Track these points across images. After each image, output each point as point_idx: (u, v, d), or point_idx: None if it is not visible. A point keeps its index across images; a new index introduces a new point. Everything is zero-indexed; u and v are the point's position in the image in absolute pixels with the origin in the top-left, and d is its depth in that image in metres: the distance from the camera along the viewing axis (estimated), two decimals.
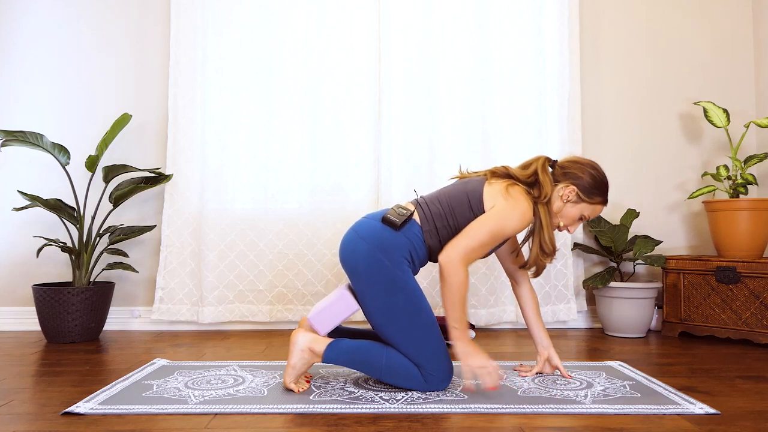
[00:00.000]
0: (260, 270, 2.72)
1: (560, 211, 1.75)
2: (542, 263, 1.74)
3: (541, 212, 1.70)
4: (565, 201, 1.73)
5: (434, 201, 1.74)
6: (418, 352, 1.63)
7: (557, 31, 2.81)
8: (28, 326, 2.74)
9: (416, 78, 2.76)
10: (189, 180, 2.73)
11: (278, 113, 2.77)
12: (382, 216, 1.70)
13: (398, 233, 1.67)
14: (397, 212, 1.69)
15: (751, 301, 2.38)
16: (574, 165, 1.75)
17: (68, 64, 2.84)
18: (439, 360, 1.64)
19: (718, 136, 2.90)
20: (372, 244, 1.66)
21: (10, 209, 2.78)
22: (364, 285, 1.66)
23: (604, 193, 1.75)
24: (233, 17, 2.76)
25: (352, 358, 1.67)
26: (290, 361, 1.68)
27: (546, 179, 1.71)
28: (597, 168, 1.76)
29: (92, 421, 1.44)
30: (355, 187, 2.77)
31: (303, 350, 1.67)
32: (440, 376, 1.65)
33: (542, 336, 1.88)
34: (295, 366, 1.67)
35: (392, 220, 1.67)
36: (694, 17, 2.95)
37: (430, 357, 1.64)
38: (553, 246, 1.71)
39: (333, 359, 1.67)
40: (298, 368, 1.68)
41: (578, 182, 1.72)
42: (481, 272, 2.73)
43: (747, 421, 1.44)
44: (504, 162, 2.76)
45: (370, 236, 1.68)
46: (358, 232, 1.71)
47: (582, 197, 1.73)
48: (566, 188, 1.73)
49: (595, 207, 1.75)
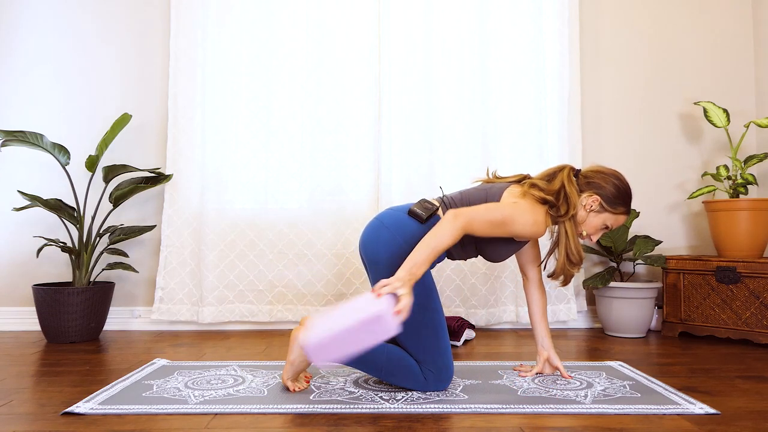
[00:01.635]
0: (260, 270, 2.72)
1: (584, 221, 1.74)
2: (570, 272, 1.73)
3: (567, 223, 1.70)
4: (588, 210, 1.73)
5: (457, 200, 1.75)
6: (422, 348, 1.63)
7: (557, 31, 2.81)
8: (28, 326, 2.74)
9: (416, 78, 2.76)
10: (189, 180, 2.73)
11: (278, 113, 2.77)
12: (408, 208, 1.71)
13: (423, 226, 1.67)
14: (423, 206, 1.70)
15: (751, 301, 2.38)
16: (597, 174, 1.74)
17: (68, 64, 2.84)
18: (441, 359, 1.64)
19: (718, 136, 2.90)
20: (396, 233, 1.66)
21: (10, 209, 2.78)
22: (382, 274, 1.64)
23: (628, 204, 1.75)
24: (233, 17, 2.76)
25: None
26: (289, 357, 1.68)
27: (572, 190, 1.70)
28: (621, 178, 1.75)
29: (92, 421, 1.44)
30: (355, 187, 2.77)
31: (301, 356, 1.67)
32: (440, 376, 1.65)
33: (544, 336, 1.88)
34: (293, 362, 1.67)
35: (418, 213, 1.68)
36: (694, 17, 2.95)
37: (433, 354, 1.64)
38: (580, 255, 1.70)
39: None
40: (297, 365, 1.68)
41: (602, 192, 1.72)
42: (481, 272, 2.73)
43: (747, 421, 1.44)
44: (503, 162, 2.76)
45: (394, 225, 1.68)
46: (382, 220, 1.71)
47: (605, 207, 1.72)
48: (590, 198, 1.72)
49: (618, 217, 1.75)
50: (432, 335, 1.64)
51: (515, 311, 2.75)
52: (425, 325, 1.64)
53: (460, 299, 2.72)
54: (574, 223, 1.72)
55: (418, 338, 1.64)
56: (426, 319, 1.64)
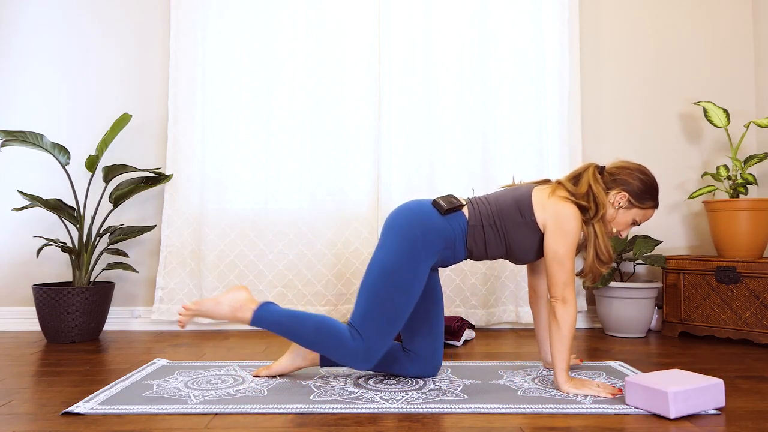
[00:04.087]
0: (260, 270, 2.72)
1: (613, 219, 1.74)
2: (599, 271, 1.72)
3: (596, 223, 1.70)
4: (617, 207, 1.73)
5: (483, 201, 1.76)
6: (370, 317, 1.62)
7: (557, 31, 2.81)
8: (28, 326, 2.74)
9: (416, 78, 2.76)
10: (189, 180, 2.73)
11: (278, 113, 2.77)
12: (434, 199, 1.75)
13: (443, 218, 1.69)
14: (448, 199, 1.73)
15: (751, 301, 2.38)
16: (623, 171, 1.74)
17: (68, 64, 2.84)
18: (380, 338, 1.62)
19: (718, 136, 2.90)
20: (416, 217, 1.69)
21: (10, 209, 2.78)
22: (389, 238, 1.69)
23: (655, 197, 1.75)
24: (233, 17, 2.76)
25: (279, 320, 1.67)
26: (219, 299, 1.70)
27: (599, 189, 1.69)
28: (646, 172, 1.75)
29: (92, 421, 1.44)
30: (355, 188, 2.77)
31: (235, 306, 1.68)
32: (367, 351, 1.62)
33: (548, 353, 1.92)
34: (220, 304, 1.69)
35: (440, 203, 1.70)
36: (694, 17, 2.95)
37: (376, 329, 1.62)
38: (609, 254, 1.70)
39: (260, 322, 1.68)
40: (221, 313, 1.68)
41: (629, 188, 1.71)
42: (481, 272, 2.73)
43: (747, 421, 1.44)
44: (503, 162, 2.77)
45: (417, 210, 1.71)
46: (410, 205, 1.75)
47: (633, 203, 1.72)
48: (617, 194, 1.72)
49: (647, 211, 1.75)
50: (388, 316, 1.62)
51: (515, 311, 2.74)
52: (390, 301, 1.62)
53: (460, 299, 2.72)
54: (603, 222, 1.72)
55: (373, 309, 1.62)
56: (397, 300, 1.63)
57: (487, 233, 1.71)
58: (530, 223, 1.69)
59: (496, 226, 1.71)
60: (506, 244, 1.73)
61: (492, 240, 1.72)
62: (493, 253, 1.76)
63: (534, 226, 1.69)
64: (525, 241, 1.71)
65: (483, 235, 1.72)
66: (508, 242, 1.73)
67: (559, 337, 1.64)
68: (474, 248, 1.74)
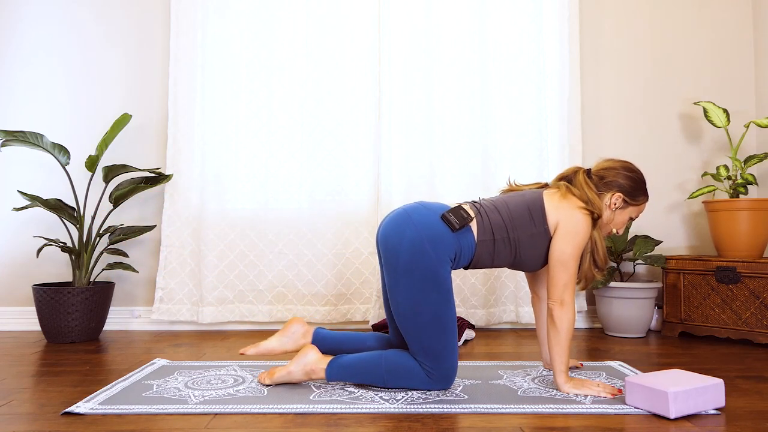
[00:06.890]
0: (260, 270, 2.72)
1: (610, 220, 1.74)
2: (592, 276, 1.72)
3: (595, 231, 1.70)
4: (614, 209, 1.73)
5: (493, 211, 1.69)
6: (432, 349, 1.61)
7: (557, 31, 2.81)
8: (28, 326, 2.74)
9: (416, 78, 2.75)
10: (189, 180, 2.73)
11: (278, 113, 2.77)
12: (442, 213, 1.64)
13: (453, 235, 1.63)
14: (459, 214, 1.64)
15: (751, 301, 2.38)
16: (609, 171, 1.73)
17: (68, 64, 2.84)
18: (450, 358, 1.63)
19: (718, 136, 2.90)
20: (422, 232, 1.60)
21: (10, 209, 2.78)
22: (400, 271, 1.61)
23: (646, 191, 1.76)
24: (233, 17, 2.76)
25: (352, 372, 1.68)
26: (290, 368, 1.70)
27: (593, 195, 1.69)
28: (632, 168, 1.75)
29: (92, 421, 1.44)
30: (355, 187, 2.77)
31: (307, 369, 1.69)
32: (446, 375, 1.64)
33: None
34: (292, 373, 1.70)
35: (452, 221, 1.62)
36: (694, 17, 2.95)
37: (443, 354, 1.62)
38: (606, 260, 1.71)
39: (336, 377, 1.69)
40: (295, 379, 1.71)
41: (622, 188, 1.72)
42: (481, 272, 2.73)
43: (747, 421, 1.44)
44: (503, 162, 2.76)
45: (422, 224, 1.62)
46: (411, 216, 1.64)
47: (629, 201, 1.73)
48: (612, 196, 1.72)
49: (640, 207, 1.77)
50: (445, 338, 1.62)
51: (515, 311, 2.74)
52: (439, 327, 1.61)
53: (460, 299, 2.72)
54: (600, 227, 1.72)
55: (430, 342, 1.61)
56: (444, 321, 1.62)
57: (498, 247, 1.67)
58: (543, 232, 1.66)
59: (509, 238, 1.66)
60: (516, 255, 1.70)
61: (501, 252, 1.68)
62: (498, 264, 1.73)
63: (546, 234, 1.67)
64: (535, 251, 1.69)
65: (492, 250, 1.67)
66: (518, 254, 1.69)
67: (557, 340, 1.64)
68: (479, 261, 1.71)
